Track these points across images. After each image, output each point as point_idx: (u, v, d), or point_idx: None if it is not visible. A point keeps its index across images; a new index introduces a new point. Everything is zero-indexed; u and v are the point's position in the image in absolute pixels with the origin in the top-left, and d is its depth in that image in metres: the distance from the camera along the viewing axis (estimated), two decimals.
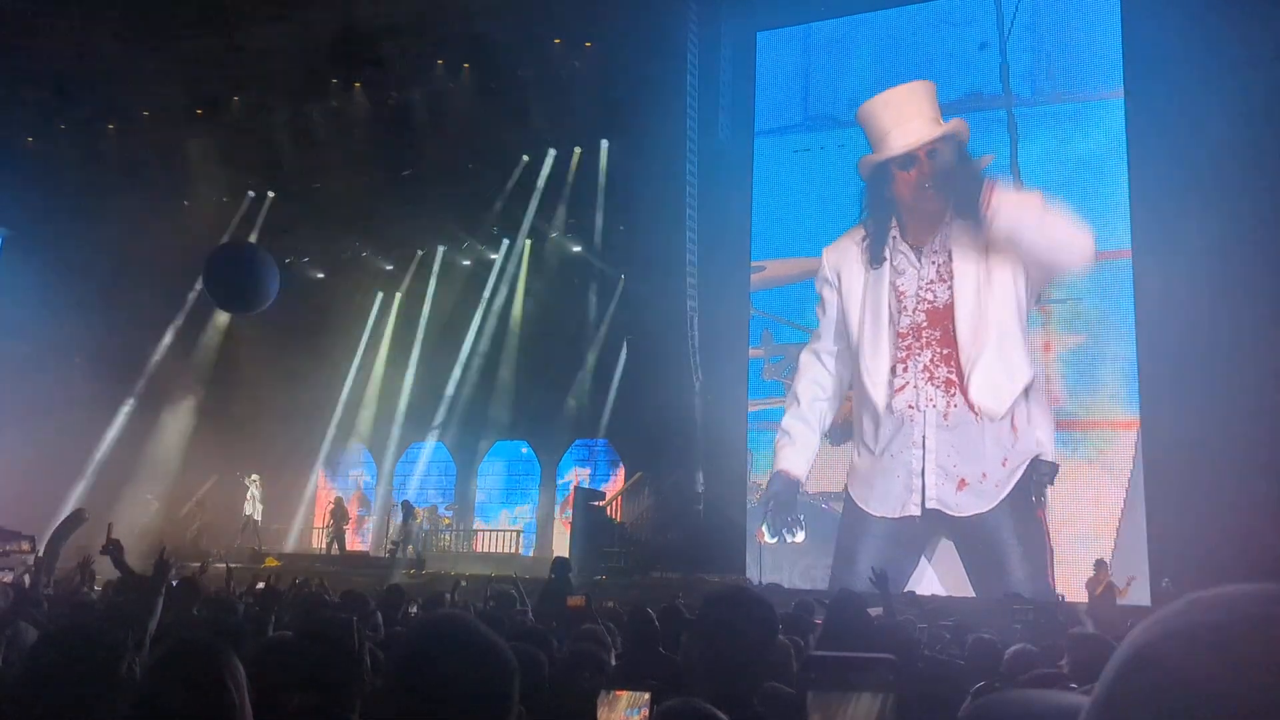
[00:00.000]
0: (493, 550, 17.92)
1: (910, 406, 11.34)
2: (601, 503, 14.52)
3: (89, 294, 17.97)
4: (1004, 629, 6.16)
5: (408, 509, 16.14)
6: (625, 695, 2.11)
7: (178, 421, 19.64)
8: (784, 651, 3.33)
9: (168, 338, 20.40)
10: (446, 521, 18.40)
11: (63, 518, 3.92)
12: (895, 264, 11.93)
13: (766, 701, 2.01)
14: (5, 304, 18.04)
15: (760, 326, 14.33)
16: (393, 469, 20.05)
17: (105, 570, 7.34)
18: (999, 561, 10.83)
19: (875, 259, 12.09)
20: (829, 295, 13.05)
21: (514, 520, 18.99)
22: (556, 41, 16.52)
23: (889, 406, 11.52)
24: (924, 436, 11.07)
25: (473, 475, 19.74)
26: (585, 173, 18.65)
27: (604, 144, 18.09)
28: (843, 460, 13.08)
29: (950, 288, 11.44)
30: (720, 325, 14.71)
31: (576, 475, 18.38)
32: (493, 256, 20.52)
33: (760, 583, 12.00)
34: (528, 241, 20.00)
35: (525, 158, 18.80)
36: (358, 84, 18.33)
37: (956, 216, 11.83)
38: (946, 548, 11.57)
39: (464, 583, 11.57)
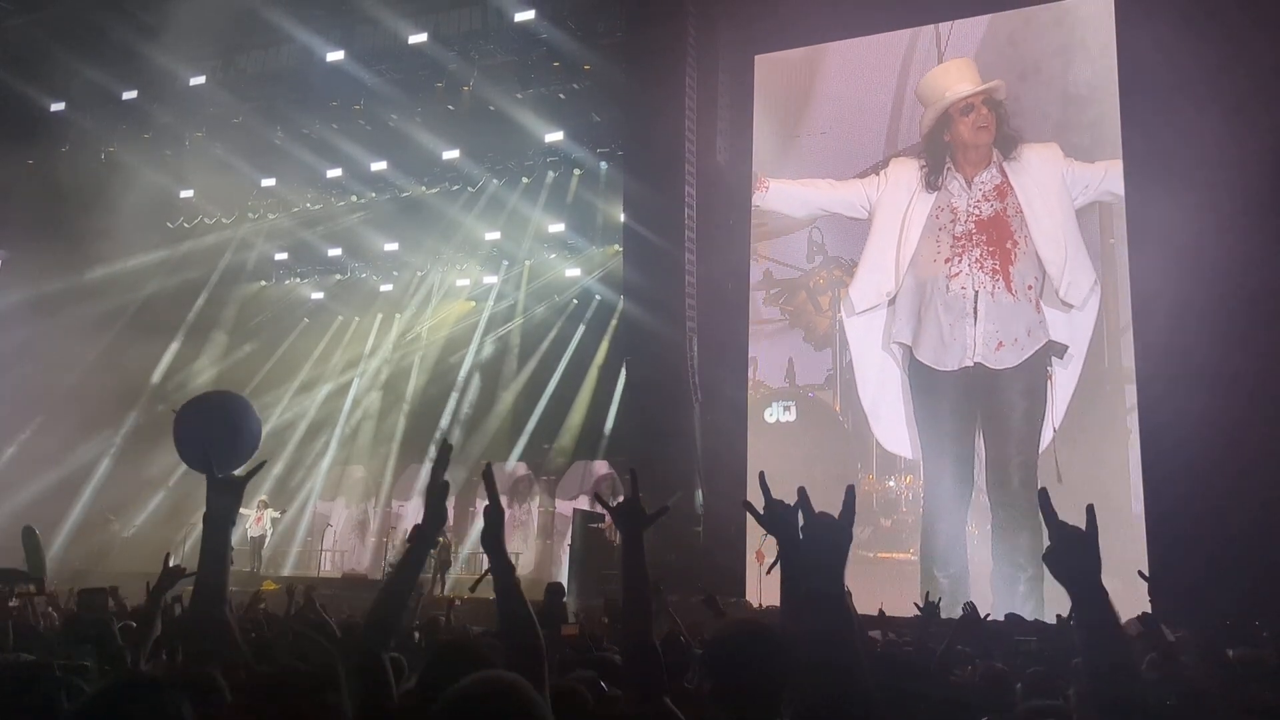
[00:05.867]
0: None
1: (963, 288, 14.15)
2: (601, 525, 14.44)
3: (87, 316, 17.96)
4: (1005, 656, 6.10)
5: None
6: None
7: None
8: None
9: (166, 358, 20.40)
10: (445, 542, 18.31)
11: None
12: (949, 188, 14.57)
13: None
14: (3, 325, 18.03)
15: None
16: (391, 491, 19.98)
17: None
18: (1006, 414, 13.68)
19: (932, 185, 14.71)
20: (890, 199, 14.88)
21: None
22: (555, 65, 16.61)
23: (947, 288, 14.27)
24: (975, 309, 14.17)
25: (471, 497, 19.64)
26: (584, 194, 18.71)
27: (603, 165, 18.16)
28: (820, 360, 14.97)
29: (994, 206, 14.44)
30: (719, 345, 14.71)
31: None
32: (492, 278, 20.55)
33: (760, 605, 11.95)
34: (526, 263, 20.04)
35: (525, 179, 18.87)
36: (358, 105, 18.40)
37: (999, 156, 14.64)
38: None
39: (458, 602, 11.52)
